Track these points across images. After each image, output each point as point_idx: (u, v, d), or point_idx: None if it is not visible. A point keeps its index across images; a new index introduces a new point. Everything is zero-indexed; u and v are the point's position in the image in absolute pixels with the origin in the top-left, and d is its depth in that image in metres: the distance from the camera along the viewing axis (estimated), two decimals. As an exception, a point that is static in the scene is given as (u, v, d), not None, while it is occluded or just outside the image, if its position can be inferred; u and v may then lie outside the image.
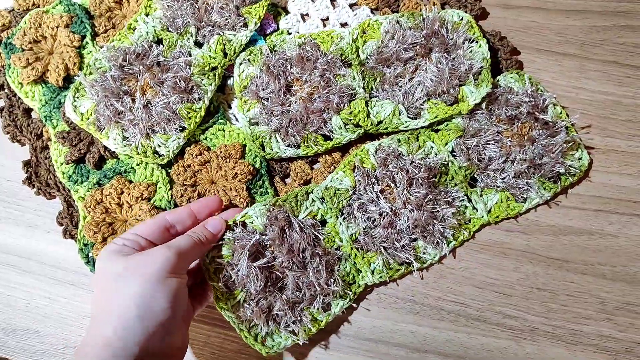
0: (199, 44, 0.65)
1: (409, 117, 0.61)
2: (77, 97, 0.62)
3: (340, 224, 0.58)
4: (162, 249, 0.48)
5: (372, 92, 0.62)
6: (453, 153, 0.60)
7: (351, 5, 0.68)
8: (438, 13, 0.62)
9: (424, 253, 0.58)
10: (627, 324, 0.56)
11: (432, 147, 0.60)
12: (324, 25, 0.68)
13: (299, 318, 0.55)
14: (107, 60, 0.62)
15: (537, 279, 0.58)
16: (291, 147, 0.61)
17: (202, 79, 0.62)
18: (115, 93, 0.61)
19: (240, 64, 0.64)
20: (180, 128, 0.61)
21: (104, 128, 0.61)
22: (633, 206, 0.59)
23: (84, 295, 0.62)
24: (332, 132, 0.61)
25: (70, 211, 0.64)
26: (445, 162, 0.59)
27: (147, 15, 0.66)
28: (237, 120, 0.65)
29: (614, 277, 0.57)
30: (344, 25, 0.68)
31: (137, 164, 0.62)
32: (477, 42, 0.62)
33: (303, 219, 0.58)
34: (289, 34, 0.67)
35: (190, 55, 0.63)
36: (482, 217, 0.59)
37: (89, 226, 0.59)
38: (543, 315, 0.56)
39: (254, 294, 0.54)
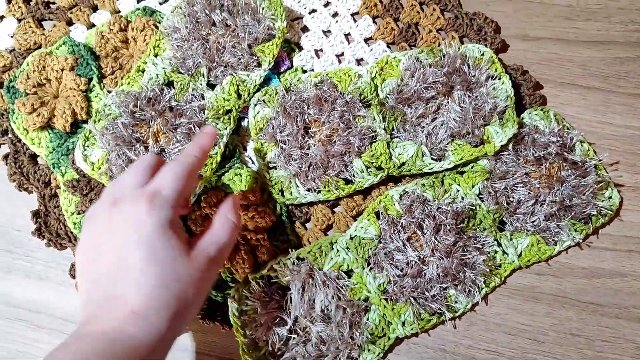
0: (211, 85, 0.62)
1: (432, 158, 0.59)
2: (87, 146, 0.60)
3: (367, 274, 0.56)
4: (220, 258, 0.47)
5: (393, 132, 0.60)
6: (480, 196, 0.58)
7: (366, 40, 0.66)
8: (459, 49, 0.60)
9: (456, 302, 0.56)
10: (663, 368, 0.54)
11: (458, 191, 0.58)
12: (339, 62, 0.65)
13: None
14: (117, 106, 0.60)
15: (570, 324, 0.56)
16: (312, 192, 0.59)
17: (217, 123, 0.60)
18: (127, 141, 0.58)
19: (255, 105, 0.62)
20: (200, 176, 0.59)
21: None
22: (666, 246, 0.57)
23: (101, 350, 0.60)
24: (354, 176, 0.59)
25: (83, 263, 0.61)
26: (473, 206, 0.57)
27: (156, 56, 0.63)
28: (253, 162, 0.63)
29: (648, 321, 0.56)
30: (359, 61, 0.65)
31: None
32: (499, 78, 0.60)
33: (327, 270, 0.56)
34: (304, 71, 0.65)
35: (203, 98, 0.61)
36: (513, 261, 0.57)
37: (104, 280, 0.57)
38: (578, 361, 0.55)
39: (277, 348, 0.54)
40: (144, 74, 0.62)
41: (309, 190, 0.59)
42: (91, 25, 0.69)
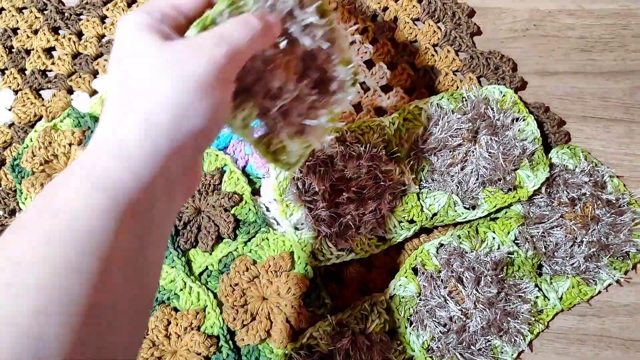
0: None
1: (465, 207, 0.58)
2: None
3: (410, 333, 0.55)
4: (213, 46, 0.34)
5: (421, 182, 0.59)
6: (516, 242, 0.57)
7: (383, 88, 0.64)
8: (480, 92, 0.59)
9: (502, 352, 0.55)
10: None
11: (494, 239, 0.57)
12: (357, 112, 0.64)
13: None
14: None
15: (619, 365, 0.56)
16: (344, 252, 0.58)
17: None
18: None
19: None
20: None
21: None
22: None
23: None
24: (386, 232, 0.57)
25: (111, 345, 0.59)
26: (511, 254, 0.56)
27: None
28: (278, 224, 0.61)
29: (697, 353, 0.55)
30: (377, 110, 0.64)
31: (181, 289, 0.57)
32: (524, 119, 0.59)
33: (369, 333, 0.55)
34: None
35: None
36: (555, 305, 0.56)
37: (136, 364, 0.55)
38: (630, 402, 0.55)
39: None
40: None
41: (341, 250, 0.58)
42: (93, 92, 0.66)
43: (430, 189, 0.58)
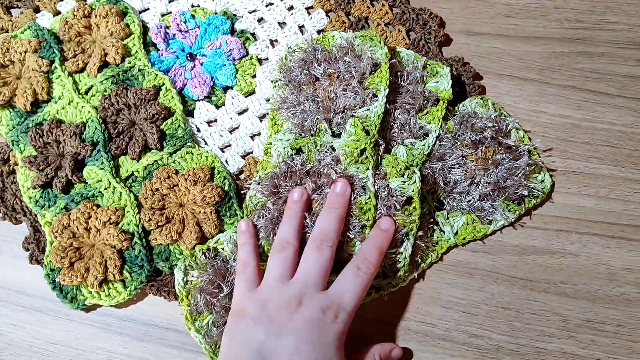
0: (338, 135, 0.61)
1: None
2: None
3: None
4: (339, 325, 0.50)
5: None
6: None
7: (319, 32, 0.69)
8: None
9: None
10: (588, 340, 0.57)
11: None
12: (293, 51, 0.69)
13: None
14: (261, 193, 0.59)
15: (502, 298, 0.59)
16: None
17: (358, 167, 0.58)
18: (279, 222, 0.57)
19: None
20: (361, 227, 0.57)
21: None
22: (592, 226, 0.60)
23: (51, 321, 0.61)
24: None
25: (37, 236, 0.63)
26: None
27: (276, 133, 0.63)
28: (205, 143, 0.66)
29: (575, 295, 0.58)
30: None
31: (105, 188, 0.62)
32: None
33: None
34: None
35: (333, 149, 0.60)
36: (450, 239, 0.60)
37: (55, 251, 0.59)
38: (508, 334, 0.57)
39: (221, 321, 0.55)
40: (272, 154, 0.62)
41: None
42: (57, 13, 0.72)
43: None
